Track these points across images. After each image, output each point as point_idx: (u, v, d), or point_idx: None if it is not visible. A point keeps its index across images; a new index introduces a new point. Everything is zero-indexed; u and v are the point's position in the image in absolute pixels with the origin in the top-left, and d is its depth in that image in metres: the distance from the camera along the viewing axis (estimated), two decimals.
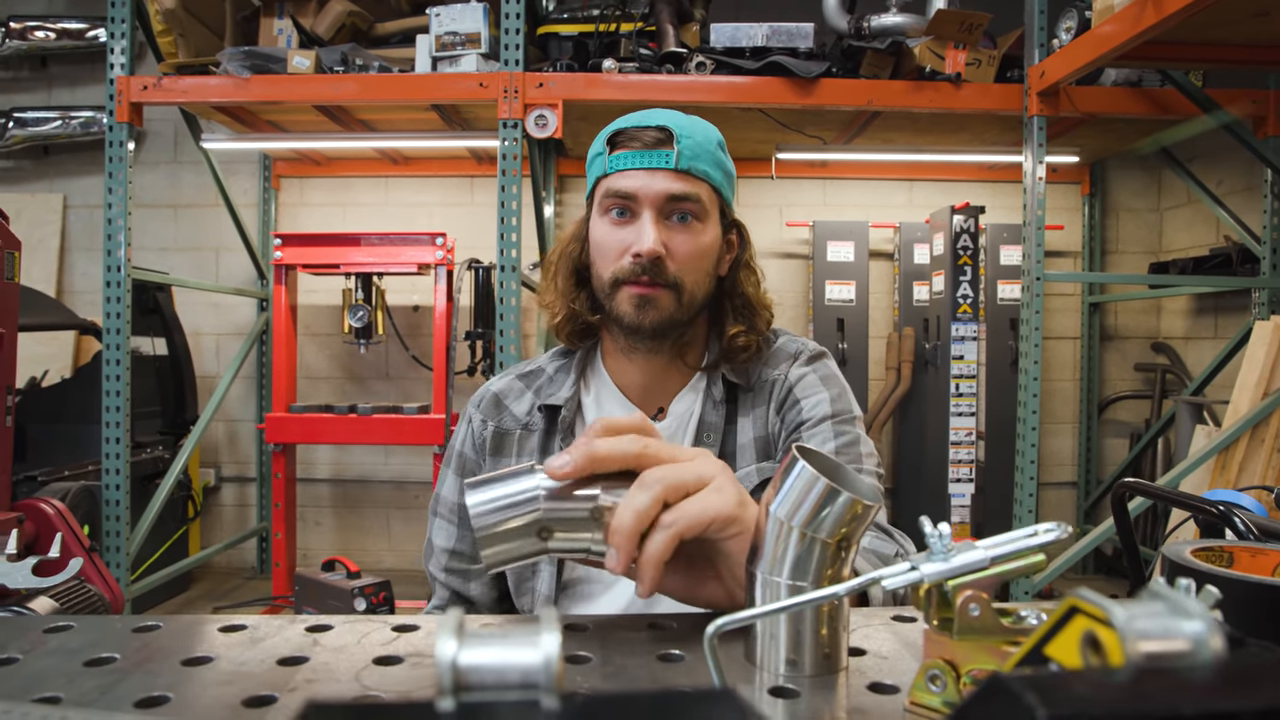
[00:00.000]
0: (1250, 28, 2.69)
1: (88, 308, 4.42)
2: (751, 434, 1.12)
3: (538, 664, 0.25)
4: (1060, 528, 0.48)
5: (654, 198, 1.04)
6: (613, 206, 1.07)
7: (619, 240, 1.06)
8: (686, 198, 1.05)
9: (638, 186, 1.04)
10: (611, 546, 0.62)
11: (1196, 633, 0.27)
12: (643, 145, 1.05)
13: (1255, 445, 3.10)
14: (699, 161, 1.06)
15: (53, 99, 4.71)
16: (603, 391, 1.16)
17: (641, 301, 1.05)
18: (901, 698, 0.53)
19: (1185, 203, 4.48)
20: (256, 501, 4.70)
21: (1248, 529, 1.17)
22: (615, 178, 1.06)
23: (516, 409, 1.17)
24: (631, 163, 1.05)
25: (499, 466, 1.12)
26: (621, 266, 1.06)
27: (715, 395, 1.13)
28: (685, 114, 1.11)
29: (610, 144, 1.08)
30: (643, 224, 1.04)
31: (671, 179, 1.04)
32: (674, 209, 1.06)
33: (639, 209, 1.05)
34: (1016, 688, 0.24)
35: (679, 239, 1.06)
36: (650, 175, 1.04)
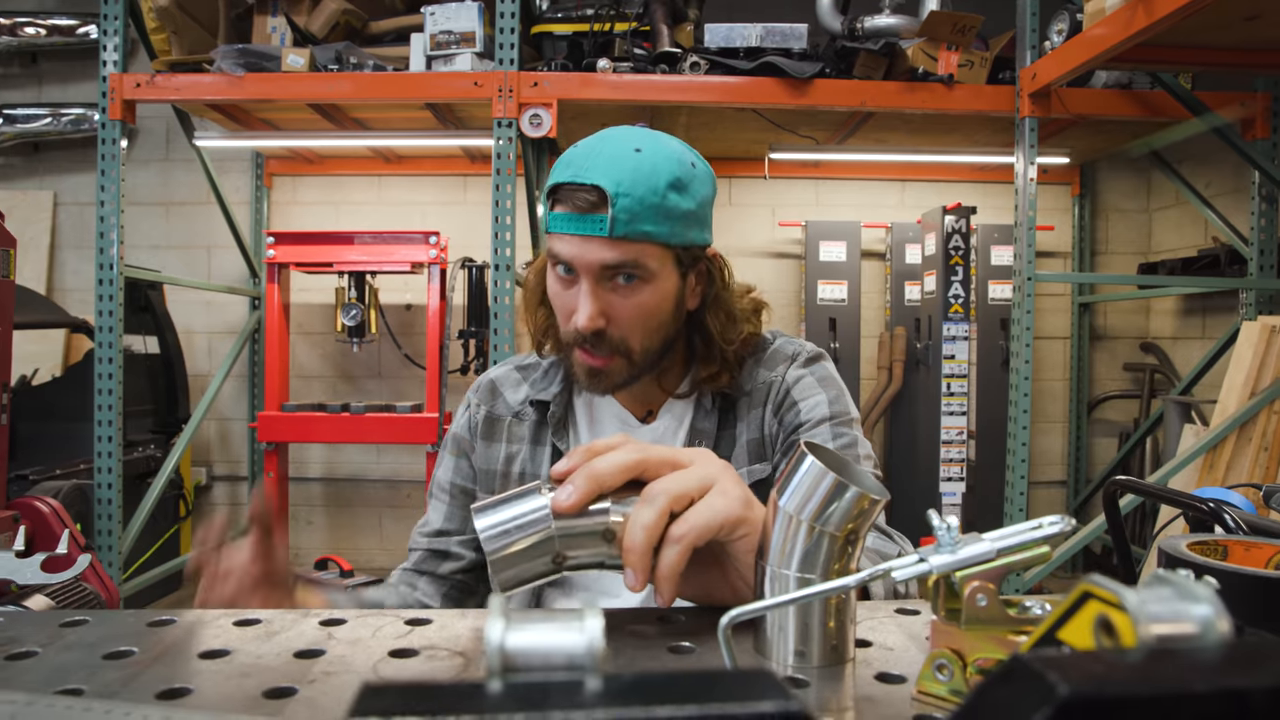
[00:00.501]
0: (1240, 31, 2.72)
1: (78, 306, 4.40)
2: (747, 437, 1.12)
3: (582, 646, 0.26)
4: (1064, 520, 0.50)
5: (589, 267, 0.99)
6: (557, 264, 1.03)
7: (565, 302, 1.04)
8: (623, 265, 0.99)
9: (573, 255, 0.99)
10: (627, 567, 0.63)
11: (1204, 616, 0.29)
12: (575, 209, 0.98)
13: (1243, 444, 3.13)
14: (638, 223, 0.97)
15: (43, 96, 4.68)
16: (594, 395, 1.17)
17: (592, 372, 1.04)
18: (908, 687, 0.54)
19: (1174, 204, 4.51)
20: (248, 500, 4.68)
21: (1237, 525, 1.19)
22: (554, 240, 1.01)
23: (511, 397, 1.19)
24: (566, 227, 0.99)
25: (489, 451, 1.16)
26: (569, 331, 1.03)
27: (705, 404, 1.13)
28: (633, 149, 1.00)
29: (551, 197, 1.02)
30: (581, 294, 1.00)
31: (606, 247, 0.98)
32: (616, 273, 1.00)
33: (579, 274, 1.01)
34: (1038, 667, 0.25)
35: (621, 304, 1.01)
36: (584, 243, 0.98)
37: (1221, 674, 0.26)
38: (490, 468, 1.16)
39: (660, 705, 0.23)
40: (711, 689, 0.24)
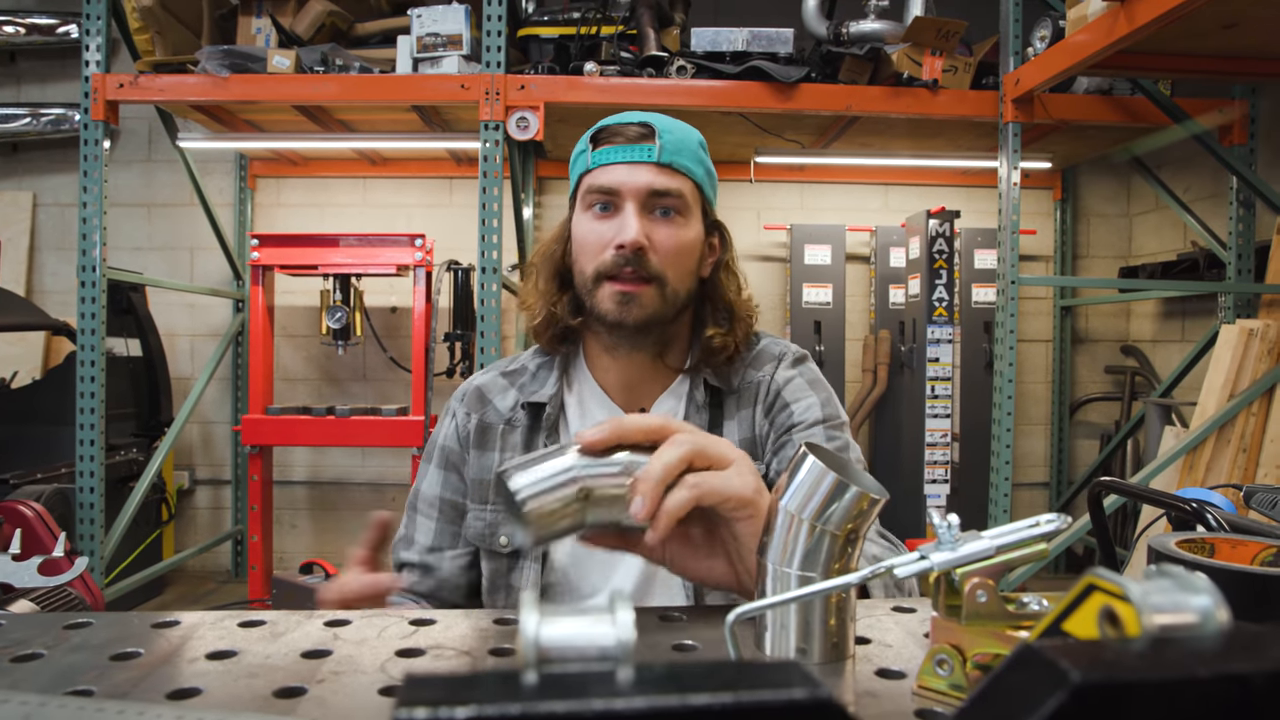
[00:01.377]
0: (1218, 40, 2.77)
1: (58, 308, 4.36)
2: (737, 436, 1.13)
3: (613, 638, 0.27)
4: (1060, 518, 0.51)
5: (637, 190, 1.05)
6: (596, 202, 1.07)
7: (601, 234, 1.06)
8: (669, 192, 1.06)
9: (620, 180, 1.05)
10: (638, 494, 0.66)
11: (1204, 606, 0.30)
12: (625, 140, 1.06)
13: (1222, 445, 3.18)
14: (681, 157, 1.07)
15: (22, 95, 4.64)
16: (585, 391, 1.16)
17: (624, 298, 1.05)
18: (908, 682, 0.55)
19: (1154, 208, 4.58)
20: (232, 504, 4.66)
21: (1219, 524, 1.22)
22: (598, 173, 1.06)
23: (500, 404, 1.17)
24: (614, 157, 1.06)
25: (482, 460, 1.14)
26: (604, 260, 1.05)
27: (698, 399, 1.13)
28: (663, 114, 1.12)
29: (593, 141, 1.09)
30: (625, 216, 1.04)
31: (654, 173, 1.05)
32: (657, 203, 1.06)
33: (622, 202, 1.05)
34: (1050, 655, 0.27)
35: (662, 232, 1.06)
36: (633, 169, 1.05)
37: (1223, 660, 0.27)
38: (484, 477, 1.14)
39: (696, 694, 0.24)
40: (742, 679, 0.25)
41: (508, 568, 1.11)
